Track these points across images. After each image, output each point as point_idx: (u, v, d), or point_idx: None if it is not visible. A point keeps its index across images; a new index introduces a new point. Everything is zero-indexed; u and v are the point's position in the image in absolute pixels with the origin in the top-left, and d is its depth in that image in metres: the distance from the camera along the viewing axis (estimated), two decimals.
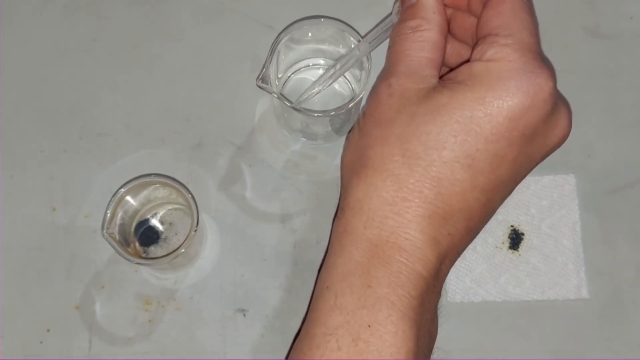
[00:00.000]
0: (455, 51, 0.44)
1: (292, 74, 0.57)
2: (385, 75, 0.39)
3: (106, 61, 0.60)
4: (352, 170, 0.39)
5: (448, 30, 0.42)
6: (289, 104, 0.50)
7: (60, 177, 0.57)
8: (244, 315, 0.54)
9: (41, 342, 0.53)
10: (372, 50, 0.47)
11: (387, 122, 0.37)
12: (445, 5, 0.41)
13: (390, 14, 0.44)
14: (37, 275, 0.54)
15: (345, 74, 0.56)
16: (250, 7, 0.61)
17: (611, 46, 0.60)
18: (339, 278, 0.37)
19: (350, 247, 0.37)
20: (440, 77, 0.39)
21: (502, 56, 0.36)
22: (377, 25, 0.46)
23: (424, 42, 0.39)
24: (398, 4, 0.43)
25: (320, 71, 0.57)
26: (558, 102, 0.38)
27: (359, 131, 0.40)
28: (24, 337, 0.53)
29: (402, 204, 0.36)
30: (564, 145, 0.57)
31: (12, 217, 0.56)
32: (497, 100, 0.35)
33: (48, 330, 0.53)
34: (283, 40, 0.52)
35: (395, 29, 0.41)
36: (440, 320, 0.54)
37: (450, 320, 0.54)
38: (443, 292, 0.55)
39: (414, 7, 0.40)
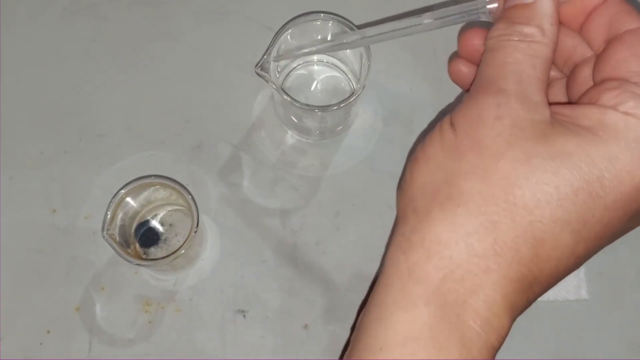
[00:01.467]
0: None
1: (292, 69, 0.58)
2: (489, 89, 0.31)
3: (106, 63, 0.60)
4: (432, 197, 0.31)
5: None
6: (287, 98, 0.50)
7: (60, 178, 0.57)
8: (244, 316, 0.54)
9: (41, 344, 0.53)
10: (439, 27, 0.39)
11: (494, 152, 0.30)
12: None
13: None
14: (37, 276, 0.54)
15: (345, 70, 0.57)
16: (250, 9, 0.62)
17: None
18: (400, 341, 0.30)
19: (418, 301, 0.30)
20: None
21: None
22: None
23: (537, 58, 0.32)
24: None
25: (316, 67, 0.58)
26: None
27: (447, 147, 0.32)
28: (24, 338, 0.53)
29: (493, 260, 0.30)
30: None
31: (12, 218, 0.56)
32: (632, 167, 0.29)
33: (48, 332, 0.53)
34: (284, 34, 0.52)
35: (500, 29, 0.33)
36: None
37: None
38: None
39: (528, 10, 0.33)
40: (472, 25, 0.37)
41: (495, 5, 0.35)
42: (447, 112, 0.59)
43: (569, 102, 0.35)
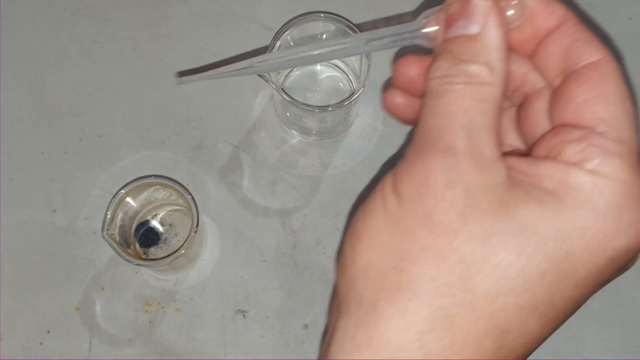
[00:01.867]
0: None
1: (292, 70, 0.58)
2: (435, 146, 0.26)
3: (106, 63, 0.60)
4: (378, 286, 0.26)
5: None
6: (287, 98, 0.51)
7: (61, 178, 0.57)
8: (244, 316, 0.54)
9: (41, 344, 0.53)
10: (369, 52, 0.35)
11: (447, 229, 0.25)
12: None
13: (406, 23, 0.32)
14: (38, 276, 0.54)
15: (345, 70, 0.57)
16: (250, 10, 0.62)
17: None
18: None
19: None
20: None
21: (614, 173, 0.25)
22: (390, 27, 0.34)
23: (487, 102, 0.26)
24: (436, 15, 0.29)
25: (317, 67, 0.58)
26: None
27: (391, 221, 0.26)
28: (24, 338, 0.53)
29: None
30: None
31: (13, 218, 0.56)
32: (604, 237, 0.25)
33: (48, 332, 0.53)
34: (284, 35, 0.52)
35: (442, 69, 0.27)
36: None
37: None
38: None
39: (473, 43, 0.27)
40: (407, 51, 0.33)
41: (433, 29, 0.29)
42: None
43: (526, 153, 0.30)
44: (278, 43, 0.53)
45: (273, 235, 0.55)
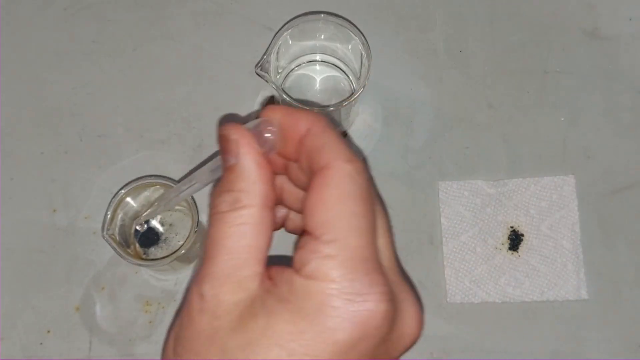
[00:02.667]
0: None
1: (292, 69, 0.58)
2: (198, 277, 0.30)
3: (106, 63, 0.60)
4: None
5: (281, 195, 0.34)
6: (287, 98, 0.51)
7: (61, 178, 0.57)
8: None
9: (41, 344, 0.53)
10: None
11: (197, 351, 0.29)
12: (271, 166, 0.31)
13: None
14: (38, 276, 0.54)
15: (345, 70, 0.57)
16: (250, 9, 0.62)
17: (610, 48, 0.60)
18: None
19: None
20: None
21: (324, 274, 0.27)
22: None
23: (245, 225, 0.30)
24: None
25: (317, 67, 0.58)
26: (398, 313, 0.29)
27: (173, 353, 0.31)
28: (25, 338, 0.53)
29: None
30: (563, 146, 0.58)
31: (13, 219, 0.56)
32: (319, 337, 0.27)
33: (48, 332, 0.53)
34: (284, 35, 0.52)
35: (212, 200, 0.31)
36: (440, 321, 0.54)
37: (450, 321, 0.54)
38: (443, 293, 0.55)
39: (231, 173, 0.31)
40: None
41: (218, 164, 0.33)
42: (446, 113, 0.59)
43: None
44: (279, 42, 0.53)
45: (273, 236, 0.55)
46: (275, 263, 0.31)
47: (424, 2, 0.62)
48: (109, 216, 0.49)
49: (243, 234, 0.30)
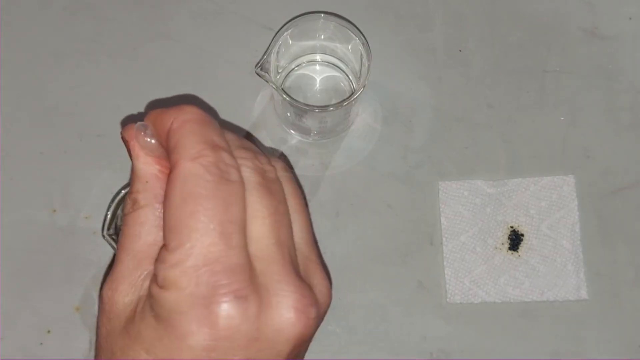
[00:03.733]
0: None
1: (292, 69, 0.58)
2: (105, 280, 0.31)
3: (105, 63, 0.60)
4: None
5: None
6: (287, 98, 0.51)
7: (60, 178, 0.57)
8: None
9: (41, 344, 0.53)
10: None
11: (98, 355, 0.31)
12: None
13: None
14: (37, 276, 0.54)
15: (345, 70, 0.57)
16: (249, 9, 0.62)
17: (610, 47, 0.60)
18: None
19: None
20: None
21: (171, 283, 0.27)
22: None
23: (141, 225, 0.30)
24: None
25: (317, 67, 0.58)
26: (266, 307, 0.28)
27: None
28: (24, 338, 0.53)
29: None
30: (562, 145, 0.58)
31: (12, 218, 0.56)
32: (175, 343, 0.27)
33: (48, 332, 0.53)
34: (284, 35, 0.52)
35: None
36: (440, 322, 0.54)
37: (450, 322, 0.54)
38: (442, 293, 0.55)
39: (132, 174, 0.32)
40: None
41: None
42: (446, 113, 0.59)
43: None
44: (279, 42, 0.52)
45: None
46: None
47: (423, 1, 0.62)
48: (109, 216, 0.49)
49: (139, 233, 0.30)
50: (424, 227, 0.56)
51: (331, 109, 0.52)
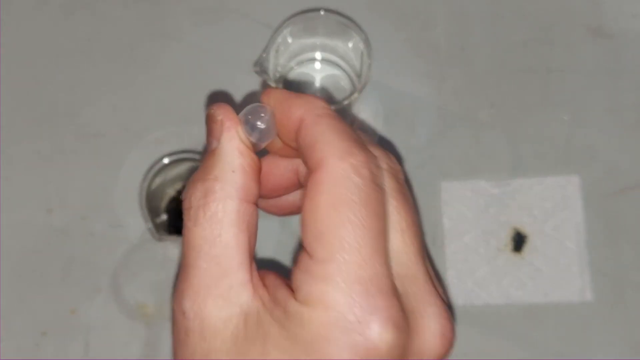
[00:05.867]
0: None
1: (292, 68, 0.57)
2: (177, 291, 0.26)
3: (103, 61, 0.60)
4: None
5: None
6: None
7: (57, 178, 0.56)
8: None
9: (37, 346, 0.53)
10: None
11: None
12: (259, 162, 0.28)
13: None
14: (33, 278, 0.54)
15: (345, 68, 0.57)
16: (248, 6, 0.61)
17: (615, 46, 0.60)
18: None
19: None
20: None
21: (318, 300, 0.24)
22: None
23: (219, 223, 0.26)
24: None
25: (317, 65, 0.57)
26: (414, 333, 0.25)
27: None
28: (20, 340, 0.53)
29: None
30: (567, 145, 0.57)
31: (8, 219, 0.55)
32: None
33: (44, 334, 0.53)
34: (283, 32, 0.52)
35: (184, 193, 0.28)
36: None
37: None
38: (445, 294, 0.54)
39: (210, 158, 0.27)
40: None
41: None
42: (448, 112, 0.58)
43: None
44: (278, 40, 0.52)
45: (272, 237, 0.55)
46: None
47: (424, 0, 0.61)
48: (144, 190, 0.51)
49: (219, 234, 0.26)
50: (426, 228, 0.56)
51: (332, 108, 0.51)
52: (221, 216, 0.26)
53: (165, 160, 0.52)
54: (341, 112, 0.54)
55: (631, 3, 0.61)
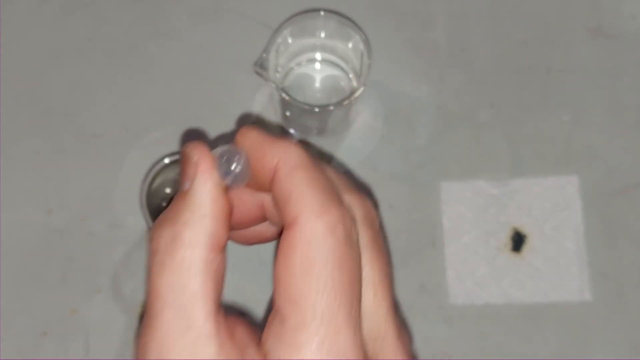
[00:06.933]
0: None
1: (292, 68, 0.57)
2: (142, 337, 0.25)
3: (102, 62, 0.60)
4: None
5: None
6: (286, 97, 0.50)
7: (56, 179, 0.56)
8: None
9: (37, 346, 0.53)
10: None
11: None
12: (230, 205, 0.26)
13: None
14: (33, 278, 0.54)
15: (345, 69, 0.57)
16: (248, 7, 0.61)
17: (614, 46, 0.60)
18: None
19: None
20: None
21: None
22: None
23: (187, 271, 0.25)
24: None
25: (317, 66, 0.57)
26: None
27: None
28: (20, 340, 0.53)
29: None
30: (566, 145, 0.57)
31: (7, 220, 0.55)
32: None
33: (44, 334, 0.53)
34: (284, 32, 0.52)
35: (150, 234, 0.26)
36: (442, 324, 0.54)
37: (452, 324, 0.54)
38: (444, 294, 0.54)
39: (181, 200, 0.26)
40: None
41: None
42: (448, 112, 0.58)
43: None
44: (278, 40, 0.52)
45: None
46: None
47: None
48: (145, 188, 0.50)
49: (185, 284, 0.25)
50: (425, 228, 0.56)
51: (331, 108, 0.51)
52: (188, 264, 0.25)
53: (166, 160, 0.52)
54: (341, 112, 0.54)
55: (631, 3, 0.61)
